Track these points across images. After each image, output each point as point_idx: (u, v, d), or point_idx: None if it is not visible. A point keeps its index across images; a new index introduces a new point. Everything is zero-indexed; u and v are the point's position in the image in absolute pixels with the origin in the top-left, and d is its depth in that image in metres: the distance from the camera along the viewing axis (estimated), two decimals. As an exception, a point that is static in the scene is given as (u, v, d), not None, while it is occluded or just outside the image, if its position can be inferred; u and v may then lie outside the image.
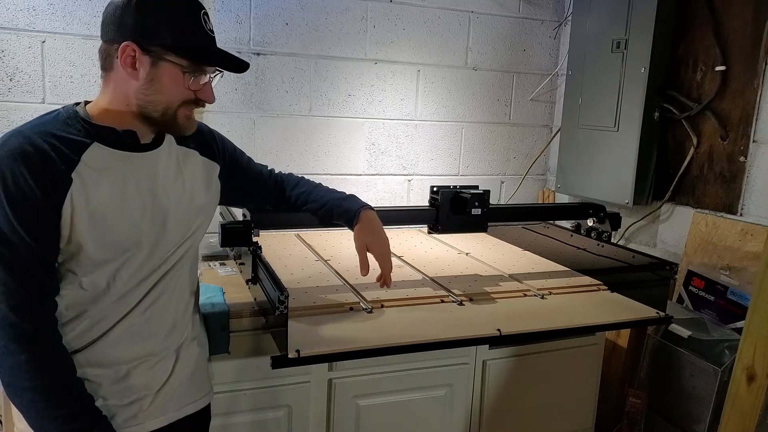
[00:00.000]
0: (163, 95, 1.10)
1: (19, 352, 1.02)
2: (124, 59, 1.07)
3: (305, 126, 2.45)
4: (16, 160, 1.01)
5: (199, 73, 1.11)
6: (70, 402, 1.07)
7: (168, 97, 1.10)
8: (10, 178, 1.00)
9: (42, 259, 1.04)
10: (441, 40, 2.60)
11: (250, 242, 1.59)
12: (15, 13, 2.01)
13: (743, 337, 1.58)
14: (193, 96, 1.13)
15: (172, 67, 1.08)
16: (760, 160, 1.94)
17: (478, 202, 1.76)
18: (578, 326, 1.61)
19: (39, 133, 1.05)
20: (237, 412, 1.60)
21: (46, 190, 1.02)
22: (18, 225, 1.00)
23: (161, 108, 1.11)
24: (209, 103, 1.16)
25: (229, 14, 2.27)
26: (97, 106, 1.13)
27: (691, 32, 2.14)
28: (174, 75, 1.09)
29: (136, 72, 1.08)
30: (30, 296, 1.03)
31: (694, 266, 2.10)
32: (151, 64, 1.07)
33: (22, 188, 1.00)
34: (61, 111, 1.11)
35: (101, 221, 1.08)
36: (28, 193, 1.01)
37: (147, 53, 1.07)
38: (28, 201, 1.01)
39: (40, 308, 1.05)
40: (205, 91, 1.14)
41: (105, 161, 1.09)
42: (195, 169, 1.27)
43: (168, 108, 1.11)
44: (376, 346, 1.40)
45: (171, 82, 1.09)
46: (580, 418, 1.99)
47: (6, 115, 2.05)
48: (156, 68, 1.08)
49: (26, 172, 1.01)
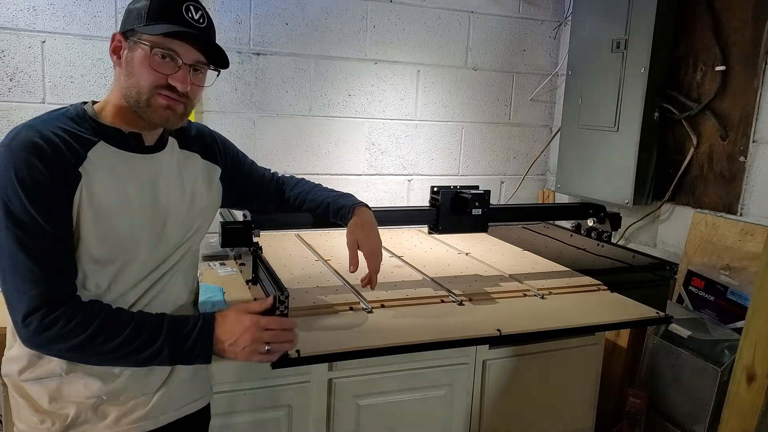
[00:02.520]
0: (134, 77, 1.09)
1: (84, 326, 1.03)
2: (113, 49, 1.11)
3: (305, 126, 2.45)
4: (29, 152, 1.02)
5: (168, 54, 1.08)
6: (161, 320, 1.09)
7: (137, 80, 1.09)
8: (24, 168, 1.01)
9: (64, 244, 1.05)
10: (441, 40, 2.60)
11: (251, 242, 1.59)
12: (15, 13, 2.01)
13: (743, 337, 1.58)
14: (164, 80, 1.09)
15: (142, 48, 1.09)
16: (760, 160, 1.94)
17: (479, 202, 1.76)
18: (578, 326, 1.61)
19: (49, 126, 1.06)
20: (237, 412, 1.60)
21: (59, 180, 1.03)
22: (34, 211, 1.01)
23: (135, 93, 1.10)
24: (180, 89, 1.10)
25: (229, 14, 2.27)
26: (104, 103, 1.15)
27: (691, 32, 2.14)
28: (142, 55, 1.09)
29: (120, 60, 1.11)
30: (60, 281, 1.04)
31: (694, 266, 2.10)
32: (129, 48, 1.10)
33: (35, 177, 1.01)
34: (69, 108, 1.13)
35: (104, 219, 1.08)
36: (41, 180, 1.01)
37: (127, 39, 1.10)
38: (43, 188, 1.02)
39: (70, 291, 1.06)
40: (177, 77, 1.10)
41: (110, 160, 1.10)
42: (196, 171, 1.27)
43: (140, 92, 1.09)
44: (376, 346, 1.40)
45: (139, 63, 1.09)
46: (580, 418, 1.99)
47: (6, 115, 2.05)
48: (131, 52, 1.10)
49: (39, 163, 1.02)
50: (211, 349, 1.11)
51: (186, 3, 1.11)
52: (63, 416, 1.11)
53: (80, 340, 1.03)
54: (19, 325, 1.03)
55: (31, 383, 1.12)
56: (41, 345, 1.04)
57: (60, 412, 1.12)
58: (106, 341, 1.05)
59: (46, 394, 1.12)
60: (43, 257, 1.02)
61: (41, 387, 1.12)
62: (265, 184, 1.53)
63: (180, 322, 1.11)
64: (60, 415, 1.12)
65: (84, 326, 1.03)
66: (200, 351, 1.10)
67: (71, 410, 1.11)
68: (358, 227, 1.47)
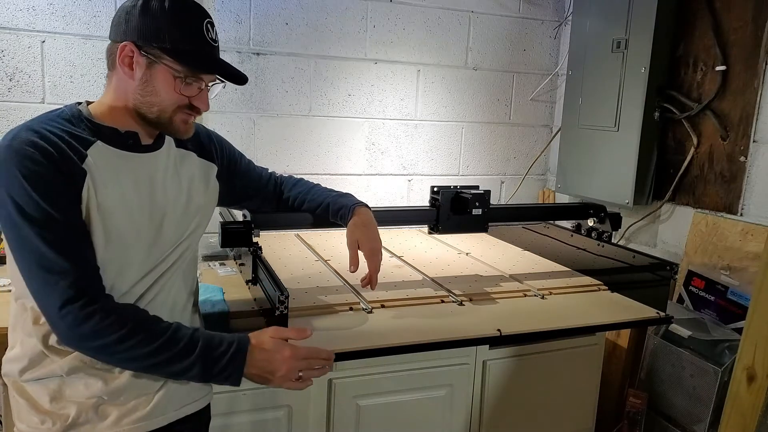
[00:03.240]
0: (157, 97, 1.10)
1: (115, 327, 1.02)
2: (121, 59, 1.09)
3: (305, 126, 2.45)
4: (32, 150, 1.01)
5: (193, 80, 1.12)
6: (197, 336, 1.08)
7: (161, 100, 1.11)
8: (29, 166, 1.00)
9: (82, 235, 1.04)
10: (441, 40, 2.60)
11: (251, 242, 1.59)
12: (15, 13, 2.01)
13: (743, 337, 1.58)
14: (187, 101, 1.13)
15: (167, 71, 1.09)
16: (760, 160, 1.94)
17: (479, 202, 1.76)
18: (578, 326, 1.61)
19: (48, 127, 1.06)
20: (237, 412, 1.60)
21: (66, 177, 1.03)
22: (47, 205, 1.00)
23: (156, 110, 1.11)
24: (203, 111, 1.16)
25: (229, 14, 2.27)
26: (100, 104, 1.14)
27: (691, 32, 2.14)
28: (167, 79, 1.10)
29: (133, 72, 1.09)
30: (89, 273, 1.04)
31: (695, 266, 2.10)
32: (147, 65, 1.09)
33: (42, 173, 1.01)
34: (64, 109, 1.12)
35: (107, 217, 1.08)
36: (49, 177, 1.01)
37: (144, 55, 1.08)
38: (51, 184, 1.01)
39: (100, 284, 1.05)
40: (200, 98, 1.14)
41: (107, 159, 1.10)
42: (192, 170, 1.27)
43: (162, 111, 1.12)
44: (376, 346, 1.40)
45: (164, 86, 1.10)
46: (580, 418, 1.99)
47: (6, 115, 2.05)
48: (151, 70, 1.09)
49: (44, 160, 1.01)
50: (242, 373, 1.11)
51: (206, 22, 1.12)
52: (64, 416, 1.11)
53: (113, 338, 1.02)
54: (55, 318, 1.01)
55: (32, 383, 1.12)
56: (76, 340, 1.04)
57: (61, 412, 1.11)
58: (139, 345, 1.04)
59: (46, 394, 1.11)
60: (68, 249, 1.01)
61: (42, 387, 1.11)
62: (263, 183, 1.53)
63: (214, 341, 1.10)
64: (61, 415, 1.11)
65: (119, 325, 1.02)
66: (230, 374, 1.10)
67: (72, 410, 1.11)
68: (358, 227, 1.47)
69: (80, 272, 1.02)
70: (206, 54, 1.12)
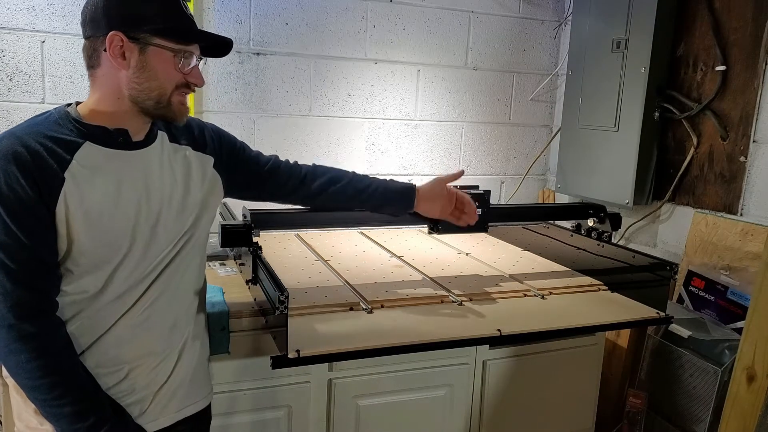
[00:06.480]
0: (156, 80, 1.10)
1: (19, 352, 1.03)
2: (112, 50, 1.08)
3: (305, 126, 2.45)
4: (8, 162, 1.02)
5: (187, 54, 1.12)
6: (77, 400, 1.07)
7: (161, 83, 1.11)
8: (3, 180, 1.01)
9: (39, 258, 1.04)
10: (441, 40, 2.60)
11: (250, 242, 1.59)
12: (15, 13, 2.00)
13: (743, 337, 1.58)
14: (184, 80, 1.14)
15: (161, 51, 1.09)
16: (760, 160, 1.94)
17: (479, 202, 1.77)
18: (578, 326, 1.61)
19: (31, 134, 1.06)
20: (237, 412, 1.60)
21: (39, 191, 1.03)
22: (13, 225, 1.01)
23: (155, 95, 1.11)
24: (199, 85, 1.18)
25: (229, 14, 2.27)
26: (87, 106, 1.13)
27: (691, 32, 2.14)
28: (165, 59, 1.10)
29: (126, 62, 1.09)
30: (28, 296, 1.03)
31: (694, 266, 2.10)
32: (140, 51, 1.08)
33: (15, 189, 1.01)
34: (52, 112, 1.12)
35: (97, 220, 1.08)
36: (21, 193, 1.01)
37: (134, 41, 1.08)
38: (22, 202, 1.02)
39: (38, 308, 1.05)
40: (194, 74, 1.16)
41: (98, 160, 1.10)
42: (187, 163, 1.25)
43: (162, 94, 1.12)
44: (376, 346, 1.40)
45: (162, 66, 1.10)
46: (580, 418, 1.99)
47: (6, 115, 2.04)
48: (145, 54, 1.09)
49: (18, 173, 1.01)
50: None
51: None
52: (63, 417, 1.11)
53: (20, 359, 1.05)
54: None
55: (31, 384, 1.12)
56: None
57: (60, 412, 1.11)
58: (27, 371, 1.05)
59: (46, 395, 1.11)
60: (19, 272, 1.03)
61: (41, 387, 1.11)
62: (272, 168, 1.47)
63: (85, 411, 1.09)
64: (60, 415, 1.11)
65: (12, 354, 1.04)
66: None
67: (71, 411, 1.11)
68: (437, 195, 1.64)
69: (17, 297, 1.03)
70: (191, 26, 1.14)
